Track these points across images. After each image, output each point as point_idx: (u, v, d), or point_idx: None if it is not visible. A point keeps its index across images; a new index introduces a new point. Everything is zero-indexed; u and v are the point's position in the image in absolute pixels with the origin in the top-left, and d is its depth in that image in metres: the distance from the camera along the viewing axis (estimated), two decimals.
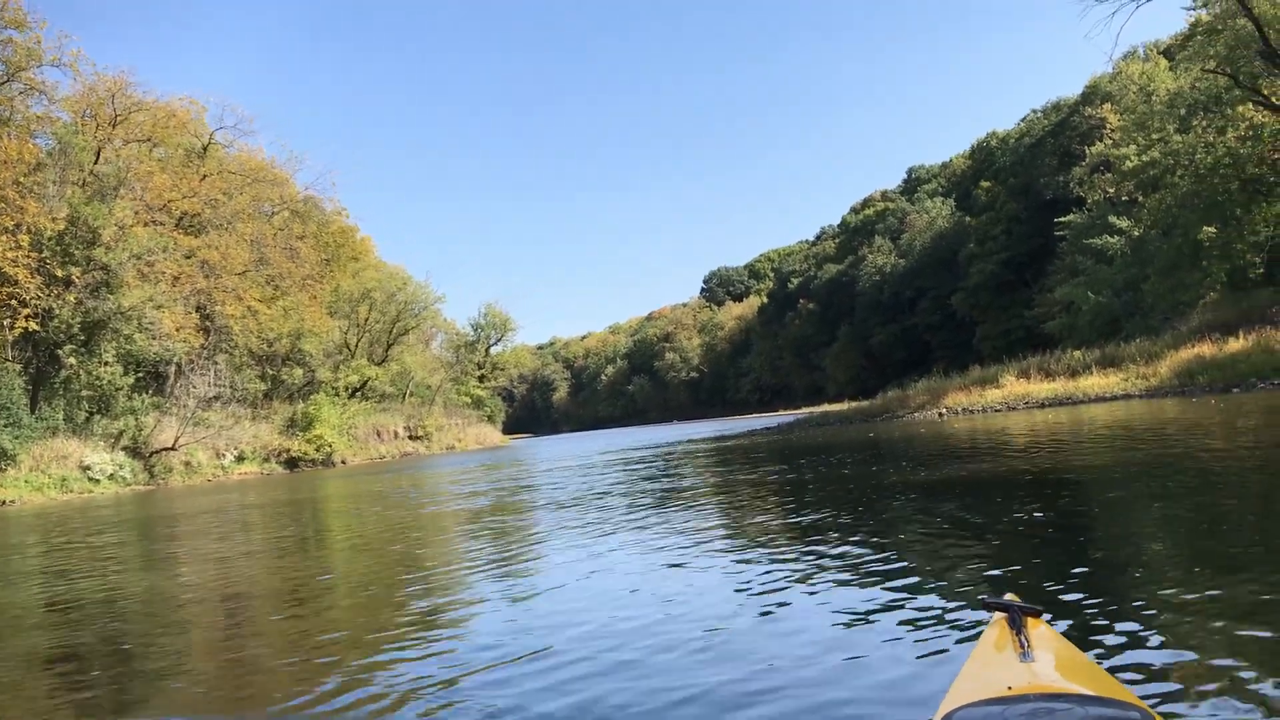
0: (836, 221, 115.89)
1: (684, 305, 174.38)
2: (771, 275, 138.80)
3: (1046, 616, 2.43)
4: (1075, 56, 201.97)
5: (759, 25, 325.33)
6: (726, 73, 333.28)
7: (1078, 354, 31.87)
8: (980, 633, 3.30)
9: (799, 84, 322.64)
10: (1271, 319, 26.08)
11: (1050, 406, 26.26)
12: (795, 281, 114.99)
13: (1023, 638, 2.12)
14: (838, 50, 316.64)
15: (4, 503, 30.86)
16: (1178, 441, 11.32)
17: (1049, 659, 2.05)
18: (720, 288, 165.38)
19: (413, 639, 4.56)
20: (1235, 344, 25.15)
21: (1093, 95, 61.50)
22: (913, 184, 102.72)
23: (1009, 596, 2.42)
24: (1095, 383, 27.47)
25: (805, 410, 70.45)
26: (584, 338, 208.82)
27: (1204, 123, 31.97)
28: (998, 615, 2.37)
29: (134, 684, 4.26)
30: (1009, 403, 28.42)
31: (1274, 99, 30.01)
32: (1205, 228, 31.88)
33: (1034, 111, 75.61)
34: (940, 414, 29.18)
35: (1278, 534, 5.00)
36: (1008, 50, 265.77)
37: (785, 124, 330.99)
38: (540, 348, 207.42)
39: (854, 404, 48.25)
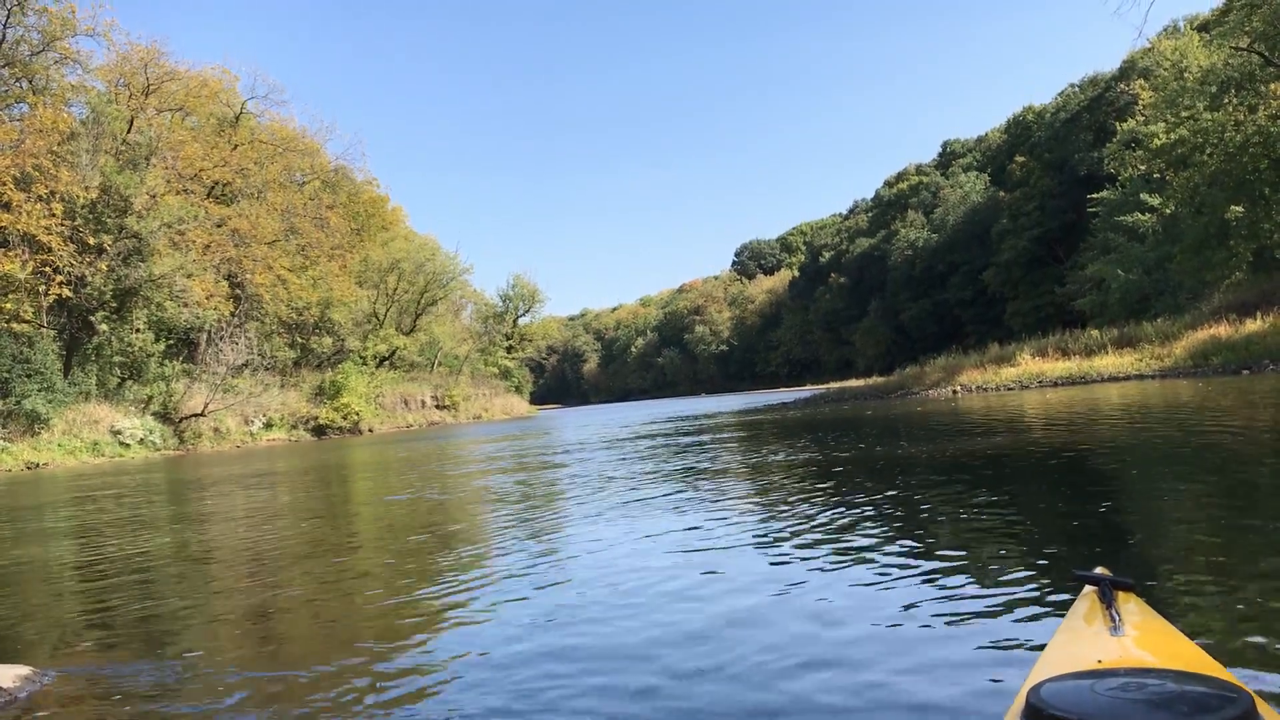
0: (870, 195, 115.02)
1: (715, 278, 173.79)
2: (803, 248, 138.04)
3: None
4: (1115, 29, 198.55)
5: None
6: (762, 43, 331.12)
7: (1095, 333, 31.70)
8: (1063, 605, 3.35)
9: (835, 56, 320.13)
10: None
11: (1064, 386, 26.19)
12: (827, 255, 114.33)
13: (1114, 611, 2.08)
14: (875, 21, 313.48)
15: (37, 465, 31.60)
16: (1181, 420, 11.37)
17: (1141, 633, 2.01)
18: (751, 260, 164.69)
19: (439, 603, 4.63)
20: (1252, 325, 24.91)
21: (1130, 70, 60.63)
22: (947, 158, 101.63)
23: (1099, 569, 2.36)
24: (1110, 362, 27.33)
25: (824, 386, 70.42)
26: (614, 309, 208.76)
27: (1235, 100, 31.49)
28: (1088, 588, 2.32)
29: (159, 633, 4.45)
30: (1022, 381, 28.34)
31: None
32: (1233, 207, 31.48)
33: (1071, 86, 74.59)
34: (954, 391, 29.15)
35: None
36: (1047, 22, 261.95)
37: (820, 96, 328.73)
38: (571, 319, 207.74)
39: (870, 380, 48.19)
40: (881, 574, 4.31)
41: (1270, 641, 2.89)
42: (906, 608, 3.67)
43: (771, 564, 4.79)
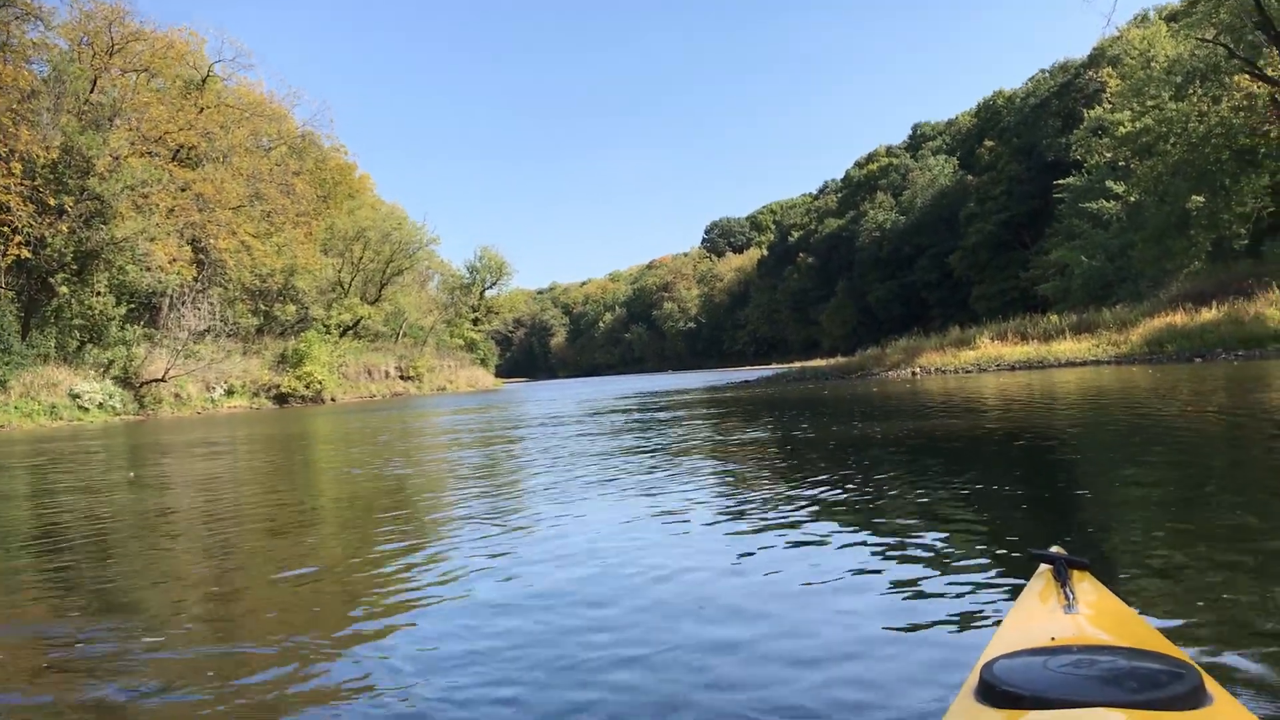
0: (840, 175, 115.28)
1: (684, 255, 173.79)
2: (773, 227, 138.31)
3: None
4: (1087, 16, 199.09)
5: None
6: (739, 27, 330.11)
7: (1054, 318, 32.12)
8: (1017, 585, 3.30)
9: (811, 39, 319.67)
10: (1246, 290, 26.26)
11: (1021, 370, 26.58)
12: (796, 235, 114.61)
13: (1068, 590, 2.07)
14: (855, 5, 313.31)
15: None
16: (1134, 405, 11.57)
17: (1094, 611, 2.01)
18: (721, 238, 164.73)
19: (394, 568, 4.61)
20: (1207, 314, 25.36)
21: (1099, 58, 61.02)
22: (918, 140, 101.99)
23: (1055, 548, 2.34)
24: (1067, 348, 27.73)
25: (784, 365, 70.69)
26: (584, 284, 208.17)
27: (1200, 91, 31.87)
28: (1043, 567, 2.30)
29: (117, 596, 4.42)
30: (981, 364, 28.71)
31: (1269, 70, 29.90)
32: (1194, 196, 31.92)
33: (1042, 71, 75.03)
34: (913, 373, 29.47)
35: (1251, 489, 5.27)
36: (1023, 7, 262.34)
37: (795, 78, 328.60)
38: (540, 292, 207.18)
39: (831, 361, 48.58)
40: (837, 553, 4.32)
41: (1218, 619, 2.95)
42: (862, 586, 3.69)
43: (727, 543, 4.78)
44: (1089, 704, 1.43)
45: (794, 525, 5.06)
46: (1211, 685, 1.54)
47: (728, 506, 6.03)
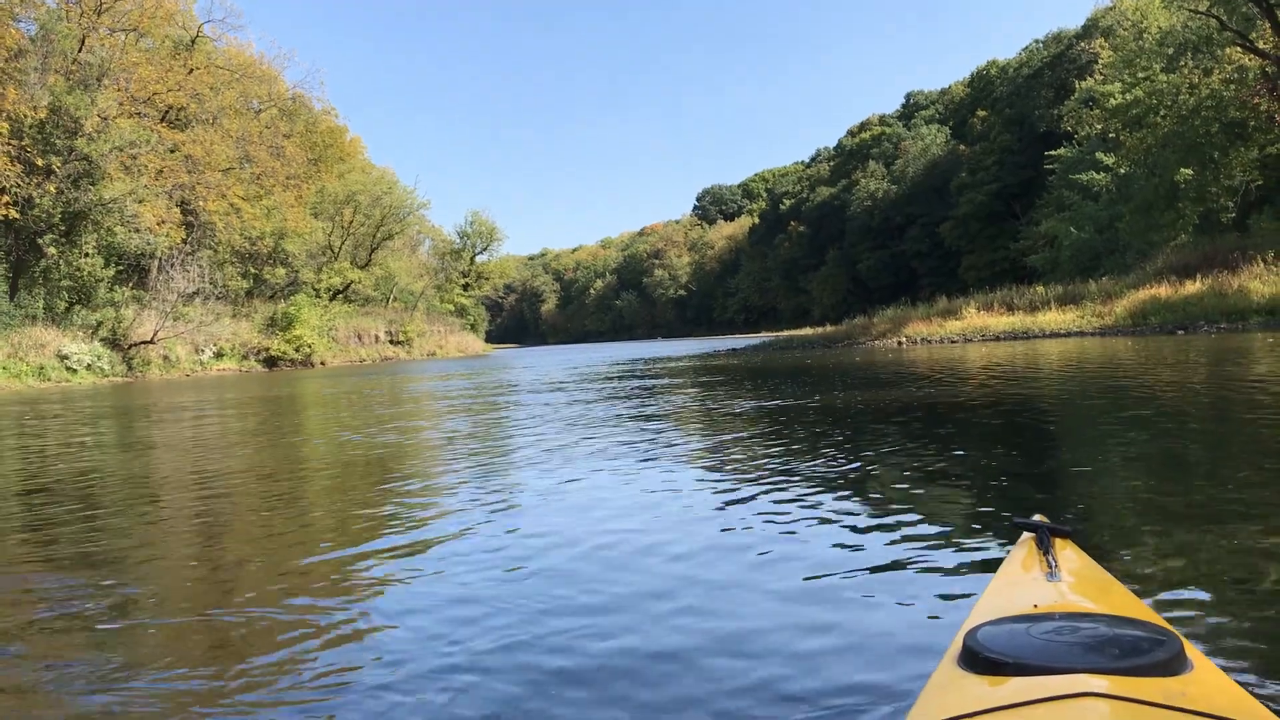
0: (833, 143, 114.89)
1: (676, 222, 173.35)
2: (764, 195, 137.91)
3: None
4: None
5: None
6: None
7: (1040, 289, 32.27)
8: (1000, 553, 3.36)
9: (806, 5, 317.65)
10: (1232, 264, 26.41)
11: (1006, 340, 26.74)
12: (787, 203, 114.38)
13: (1050, 558, 2.08)
14: None
15: None
16: (1117, 376, 11.71)
17: (1077, 579, 2.02)
18: (713, 206, 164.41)
19: (387, 538, 4.56)
20: (1191, 286, 25.52)
21: (1093, 28, 60.91)
22: (911, 109, 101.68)
23: (1037, 516, 2.35)
24: (1052, 319, 27.91)
25: (775, 334, 70.82)
26: (575, 250, 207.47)
27: (1191, 63, 31.89)
28: (1025, 535, 2.31)
29: (98, 561, 4.36)
30: (966, 334, 28.88)
31: (1260, 43, 29.94)
32: (1182, 169, 32.00)
33: (1035, 41, 74.87)
34: (899, 343, 29.63)
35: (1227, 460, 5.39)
36: None
37: (790, 46, 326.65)
38: (531, 258, 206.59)
39: (819, 329, 48.78)
40: (819, 524, 4.30)
41: (1199, 587, 3.01)
42: (843, 556, 3.69)
43: (710, 515, 4.75)
44: (1071, 670, 1.44)
45: (777, 497, 5.04)
46: (1191, 652, 1.56)
47: (710, 478, 6.01)
